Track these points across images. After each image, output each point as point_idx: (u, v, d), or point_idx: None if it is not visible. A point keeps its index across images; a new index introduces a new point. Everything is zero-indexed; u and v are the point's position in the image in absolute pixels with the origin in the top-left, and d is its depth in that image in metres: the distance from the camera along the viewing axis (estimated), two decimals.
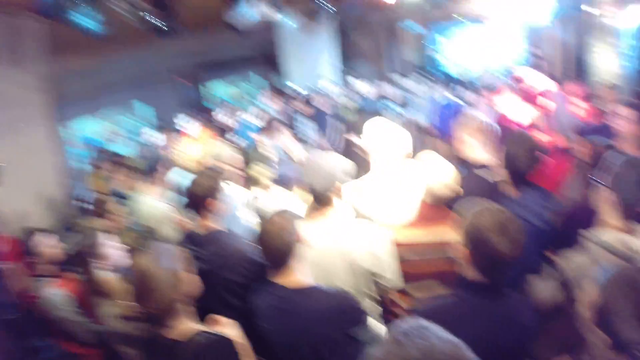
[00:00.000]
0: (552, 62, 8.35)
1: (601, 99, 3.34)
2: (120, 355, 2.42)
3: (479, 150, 2.41)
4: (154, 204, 2.91)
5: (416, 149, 2.30)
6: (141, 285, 1.36)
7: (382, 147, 2.16)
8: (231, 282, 1.88)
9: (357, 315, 1.59)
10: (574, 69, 6.03)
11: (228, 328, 1.55)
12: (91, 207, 3.75)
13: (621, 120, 2.54)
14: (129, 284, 1.44)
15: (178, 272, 1.43)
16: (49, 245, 2.56)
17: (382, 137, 2.17)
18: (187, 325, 1.42)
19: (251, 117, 5.22)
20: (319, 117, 6.05)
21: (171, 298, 1.37)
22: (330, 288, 1.63)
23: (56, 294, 2.32)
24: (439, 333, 0.77)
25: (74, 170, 5.88)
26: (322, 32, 8.57)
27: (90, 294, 2.18)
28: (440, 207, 1.94)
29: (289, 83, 7.96)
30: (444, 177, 1.93)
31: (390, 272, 1.84)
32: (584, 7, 5.22)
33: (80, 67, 6.57)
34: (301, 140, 5.85)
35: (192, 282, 1.50)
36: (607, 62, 4.82)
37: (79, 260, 2.19)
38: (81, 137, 9.01)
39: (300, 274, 1.58)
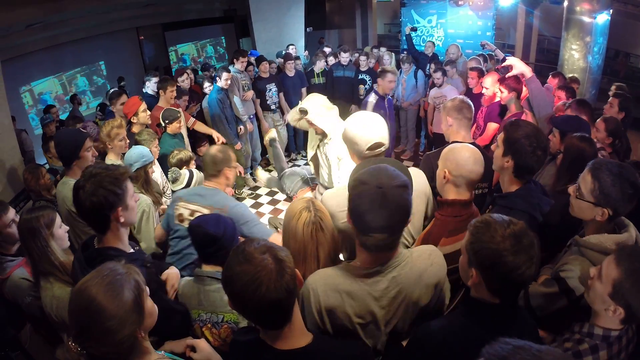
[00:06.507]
0: (524, 49, 8.24)
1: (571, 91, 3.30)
2: None
3: (457, 129, 2.22)
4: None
5: None
6: (90, 324, 0.97)
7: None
8: None
9: None
10: (544, 59, 5.93)
11: (196, 353, 1.30)
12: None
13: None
14: (71, 319, 1.01)
15: (141, 303, 1.05)
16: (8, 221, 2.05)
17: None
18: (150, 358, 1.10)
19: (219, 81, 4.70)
20: (283, 81, 5.70)
21: (132, 337, 1.02)
22: (335, 342, 1.21)
23: (22, 278, 1.95)
24: (538, 348, 0.73)
25: (31, 137, 5.27)
26: None
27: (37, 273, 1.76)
28: (467, 205, 1.60)
29: (257, 47, 7.45)
30: (471, 159, 1.59)
31: None
32: None
33: (30, 20, 5.59)
34: (266, 103, 5.48)
35: (154, 312, 1.12)
36: (574, 56, 4.73)
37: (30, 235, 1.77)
38: (41, 100, 8.16)
39: (297, 330, 1.10)
